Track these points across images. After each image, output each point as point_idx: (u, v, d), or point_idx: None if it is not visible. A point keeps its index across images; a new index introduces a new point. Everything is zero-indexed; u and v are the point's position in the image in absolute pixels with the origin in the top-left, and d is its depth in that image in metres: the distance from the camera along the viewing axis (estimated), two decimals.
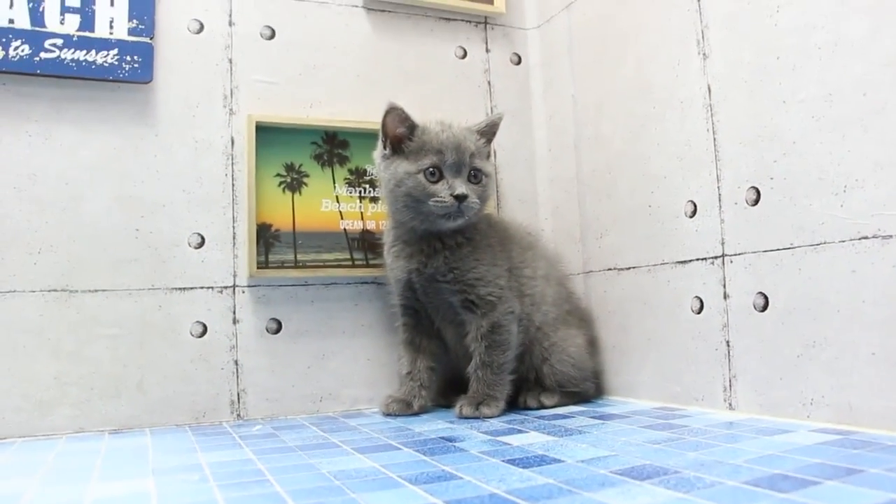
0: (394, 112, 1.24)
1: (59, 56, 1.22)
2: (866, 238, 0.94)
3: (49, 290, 1.22)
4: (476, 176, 1.25)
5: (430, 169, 1.22)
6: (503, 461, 0.85)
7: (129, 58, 1.27)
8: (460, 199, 1.20)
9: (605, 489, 0.70)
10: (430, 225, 1.24)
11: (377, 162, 1.30)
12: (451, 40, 1.57)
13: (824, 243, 0.99)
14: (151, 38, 1.30)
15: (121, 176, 1.28)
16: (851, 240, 0.95)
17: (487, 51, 1.61)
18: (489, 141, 1.32)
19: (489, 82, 1.61)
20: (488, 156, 1.32)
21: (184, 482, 0.82)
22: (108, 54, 1.25)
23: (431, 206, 1.21)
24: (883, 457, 0.78)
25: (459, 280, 1.26)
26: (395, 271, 1.32)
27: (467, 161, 1.24)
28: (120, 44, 1.27)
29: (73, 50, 1.23)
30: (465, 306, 1.27)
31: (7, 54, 1.20)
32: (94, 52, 1.24)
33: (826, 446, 0.85)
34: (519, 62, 1.65)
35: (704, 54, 1.19)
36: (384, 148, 1.27)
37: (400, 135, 1.25)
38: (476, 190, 1.24)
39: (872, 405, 0.93)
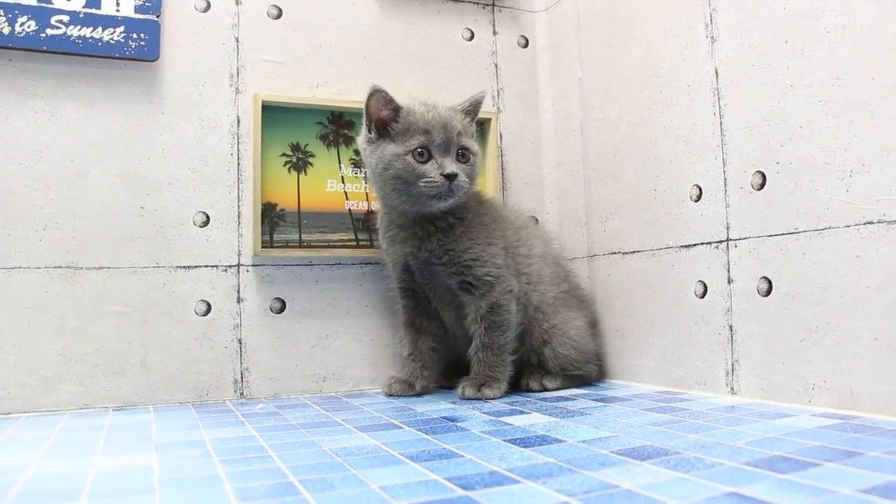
0: (377, 94, 1.23)
1: (65, 33, 1.22)
2: (871, 223, 0.93)
3: (54, 267, 1.23)
4: (464, 155, 1.25)
5: (419, 149, 1.21)
6: (504, 440, 0.85)
7: (135, 35, 1.27)
8: (451, 177, 1.20)
9: (605, 468, 0.70)
10: (421, 207, 1.24)
11: (362, 147, 1.29)
12: (459, 22, 1.57)
13: (829, 228, 0.99)
14: (158, 16, 1.29)
15: (126, 153, 1.29)
16: (856, 225, 0.95)
17: (495, 33, 1.60)
18: (473, 119, 1.32)
19: (496, 65, 1.60)
20: (473, 134, 1.31)
21: (186, 457, 0.83)
22: (114, 31, 1.25)
23: (422, 186, 1.20)
24: (883, 440, 0.78)
25: (455, 262, 1.26)
26: (391, 256, 1.32)
27: (455, 140, 1.24)
28: (126, 21, 1.26)
29: (79, 27, 1.23)
30: (463, 288, 1.27)
31: (13, 30, 1.19)
32: (100, 29, 1.24)
33: (826, 430, 0.85)
34: (526, 45, 1.64)
35: (712, 38, 1.19)
36: (369, 132, 1.26)
37: (385, 117, 1.24)
38: (465, 169, 1.23)
39: (874, 390, 0.93)
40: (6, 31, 1.19)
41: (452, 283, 1.27)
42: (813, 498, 0.58)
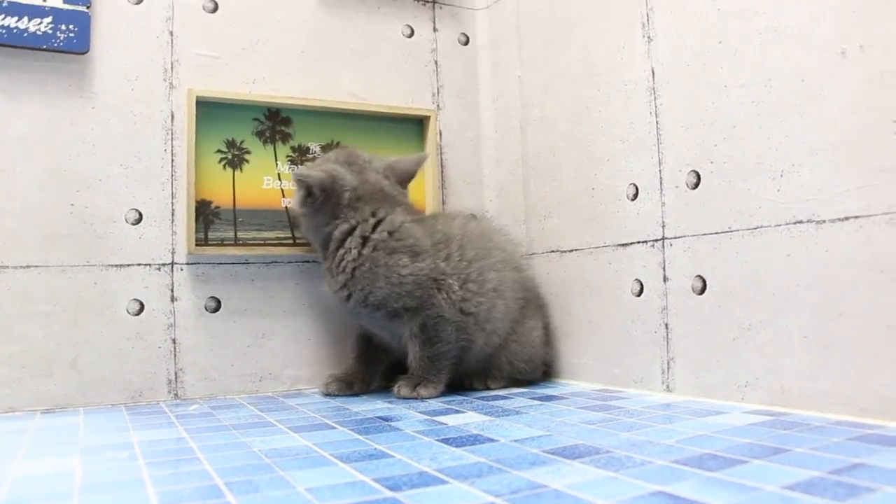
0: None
1: None
2: (801, 222, 0.95)
3: None
4: None
5: None
6: (437, 440, 0.85)
7: (63, 27, 1.23)
8: None
9: (534, 468, 0.70)
10: None
11: None
12: (399, 18, 1.55)
13: (761, 227, 1.00)
14: (88, 7, 1.25)
15: (55, 149, 1.25)
16: (787, 224, 0.97)
17: (435, 30, 1.60)
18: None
19: (436, 62, 1.59)
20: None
21: (111, 461, 0.81)
22: (41, 22, 1.21)
23: None
24: (809, 437, 0.79)
25: (364, 304, 1.23)
26: None
27: None
28: (54, 11, 1.22)
29: (2, 16, 1.19)
30: (391, 317, 1.24)
31: None
32: (26, 19, 1.20)
33: (757, 427, 0.86)
34: (467, 42, 1.63)
35: (649, 37, 1.19)
36: None
37: None
38: None
39: (803, 387, 0.94)
40: None
41: (377, 315, 1.25)
42: (738, 496, 0.58)
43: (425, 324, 1.22)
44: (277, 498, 0.63)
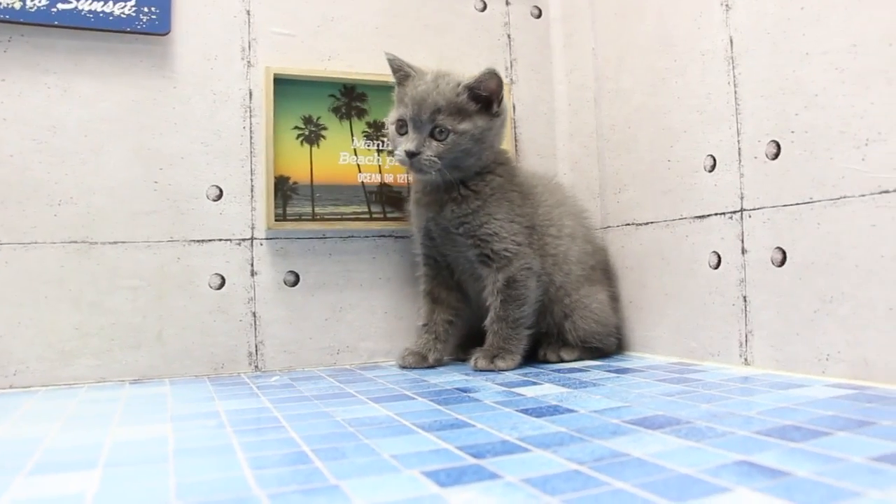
0: (389, 62, 1.29)
1: (75, 7, 1.22)
2: (887, 192, 0.92)
3: (69, 242, 1.23)
4: (441, 132, 1.22)
5: (399, 121, 1.25)
6: (516, 411, 0.86)
7: (146, 9, 1.26)
8: (410, 155, 1.21)
9: (616, 437, 0.71)
10: (416, 175, 1.28)
11: None
12: None
13: (844, 197, 0.98)
14: None
15: (139, 128, 1.29)
16: (872, 194, 0.94)
17: (507, 3, 1.59)
18: (477, 97, 1.25)
19: (509, 35, 1.59)
20: (471, 113, 1.24)
21: (201, 428, 0.84)
22: (125, 5, 1.25)
23: (395, 157, 1.25)
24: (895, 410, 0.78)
25: (472, 234, 1.26)
26: (415, 219, 1.34)
27: (427, 117, 1.21)
28: None
29: (89, 1, 1.23)
30: (481, 260, 1.27)
31: (24, 5, 1.19)
32: (111, 3, 1.24)
33: (840, 400, 0.85)
34: (539, 15, 1.62)
35: (727, 6, 1.17)
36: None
37: (397, 82, 1.30)
38: (437, 147, 1.21)
39: (888, 360, 0.92)
40: (17, 5, 1.19)
41: (471, 254, 1.27)
42: (823, 466, 0.58)
43: (513, 278, 1.25)
44: (364, 464, 0.64)
